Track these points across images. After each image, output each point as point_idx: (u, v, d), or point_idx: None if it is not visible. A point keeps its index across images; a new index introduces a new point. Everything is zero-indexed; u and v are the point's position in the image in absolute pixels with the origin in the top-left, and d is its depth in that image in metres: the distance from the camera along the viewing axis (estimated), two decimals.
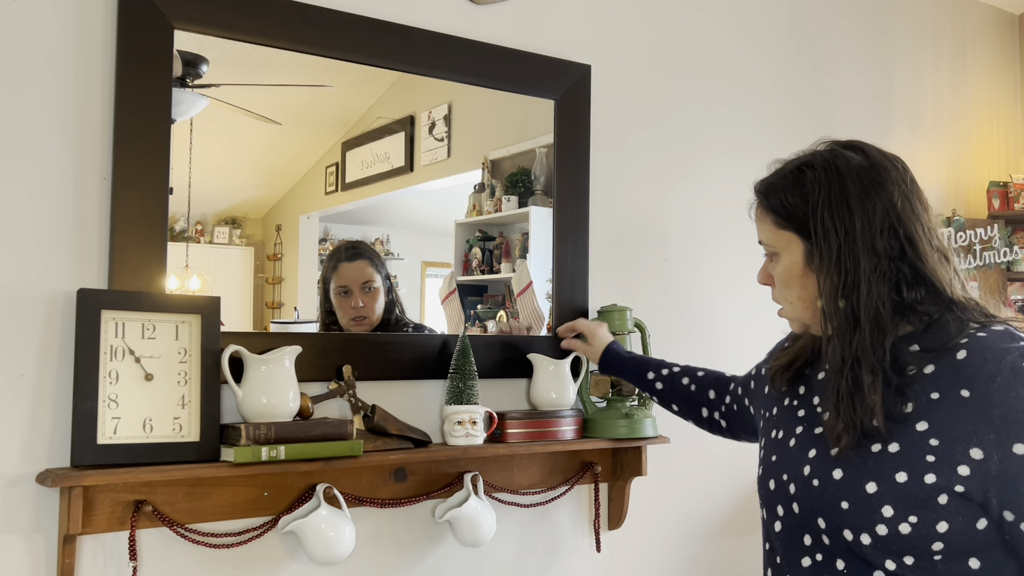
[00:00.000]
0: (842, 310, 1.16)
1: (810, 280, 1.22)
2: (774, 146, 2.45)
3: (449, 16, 1.89)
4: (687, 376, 1.73)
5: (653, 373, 1.76)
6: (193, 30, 1.57)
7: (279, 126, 1.73)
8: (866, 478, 1.13)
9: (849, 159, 1.21)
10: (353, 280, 1.79)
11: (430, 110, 1.90)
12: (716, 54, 2.35)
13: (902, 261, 1.16)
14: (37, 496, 1.44)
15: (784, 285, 1.27)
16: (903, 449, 1.11)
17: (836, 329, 1.17)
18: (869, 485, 1.12)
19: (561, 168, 2.01)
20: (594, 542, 2.05)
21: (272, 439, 1.51)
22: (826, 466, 1.18)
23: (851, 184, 1.18)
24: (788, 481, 1.24)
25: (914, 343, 1.16)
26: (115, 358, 1.46)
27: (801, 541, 1.21)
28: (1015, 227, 3.02)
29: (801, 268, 1.23)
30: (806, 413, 1.28)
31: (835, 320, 1.18)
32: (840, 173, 1.20)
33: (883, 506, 1.10)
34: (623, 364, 1.83)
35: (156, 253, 1.53)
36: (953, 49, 2.98)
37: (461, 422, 1.75)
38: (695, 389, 1.70)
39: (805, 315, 1.26)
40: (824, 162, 1.22)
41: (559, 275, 2.00)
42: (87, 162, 1.50)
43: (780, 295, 1.29)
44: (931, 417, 1.11)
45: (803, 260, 1.22)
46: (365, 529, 1.75)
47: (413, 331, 1.86)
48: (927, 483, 1.08)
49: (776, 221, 1.26)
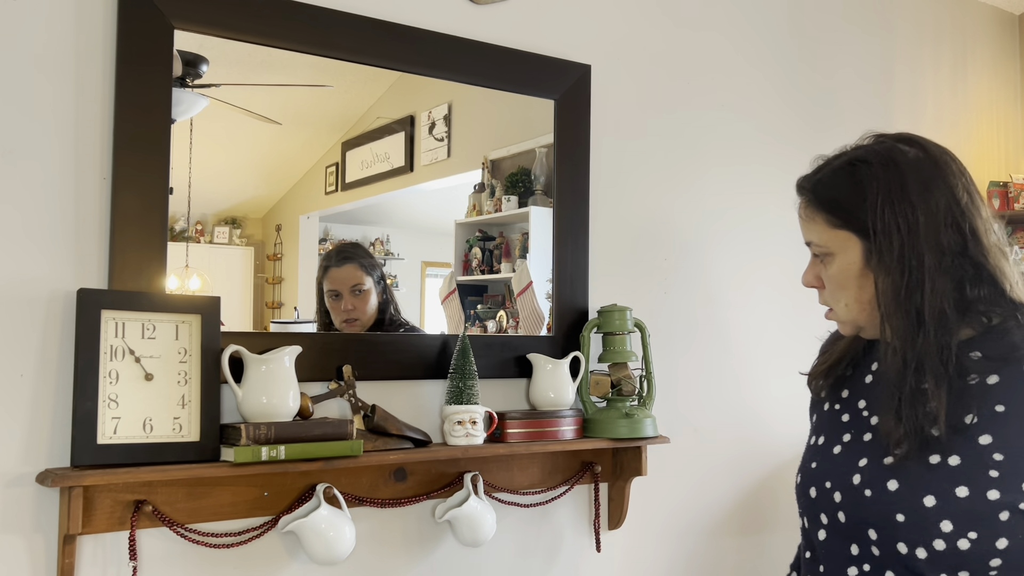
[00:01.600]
0: (904, 311, 1.11)
1: (868, 281, 1.16)
2: (774, 146, 2.45)
3: (449, 16, 1.89)
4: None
5: None
6: (193, 30, 1.57)
7: (279, 126, 1.73)
8: (924, 491, 1.08)
9: (905, 152, 1.16)
10: (342, 284, 1.80)
11: (430, 110, 1.90)
12: (716, 54, 2.35)
13: (964, 257, 1.11)
14: (37, 496, 1.44)
15: (839, 287, 1.20)
16: (964, 463, 1.07)
17: (897, 331, 1.12)
18: (927, 499, 1.07)
19: (561, 168, 2.01)
20: (594, 542, 2.05)
21: (272, 439, 1.51)
22: (879, 476, 1.13)
23: (911, 178, 1.13)
24: (832, 489, 1.19)
25: (975, 349, 1.11)
26: (115, 358, 1.46)
27: (848, 551, 1.16)
28: (1015, 227, 3.02)
29: (859, 268, 1.16)
30: (851, 418, 1.23)
31: (896, 321, 1.12)
32: (898, 167, 1.14)
33: (941, 521, 1.06)
34: None
35: (156, 253, 1.53)
36: (953, 49, 2.98)
37: (461, 422, 1.75)
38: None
39: (860, 317, 1.20)
40: (879, 157, 1.16)
41: (559, 275, 2.00)
42: (87, 162, 1.50)
43: (832, 297, 1.22)
44: (995, 431, 1.06)
45: (861, 260, 1.16)
46: (365, 529, 1.75)
47: (407, 332, 1.86)
48: (990, 499, 1.04)
49: (829, 220, 1.19)
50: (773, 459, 2.39)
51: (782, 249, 2.39)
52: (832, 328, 1.35)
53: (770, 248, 2.39)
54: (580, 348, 1.99)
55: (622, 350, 1.97)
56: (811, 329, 2.45)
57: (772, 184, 2.40)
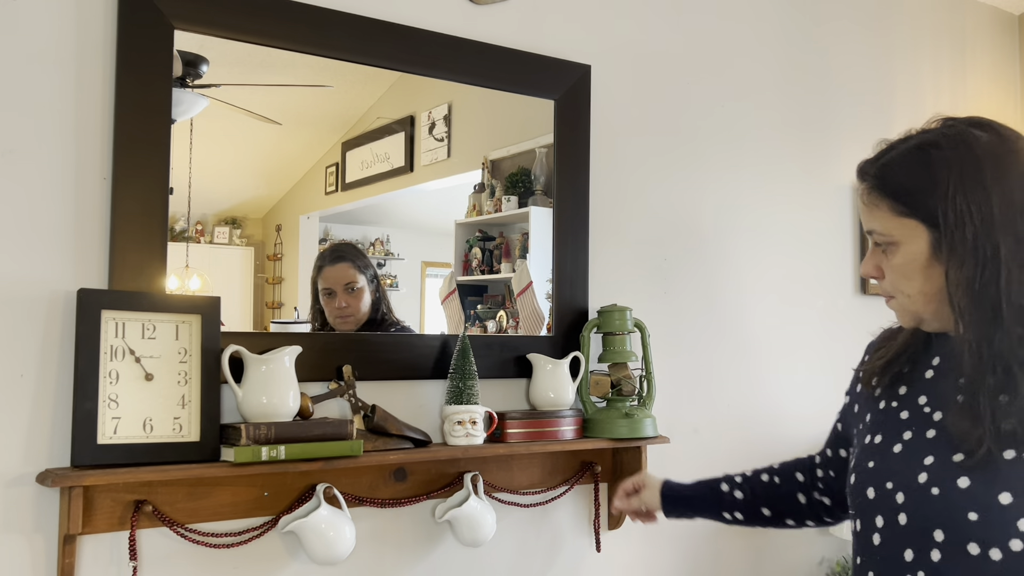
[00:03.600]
0: (979, 303, 1.06)
1: (935, 271, 1.11)
2: (774, 146, 2.45)
3: (449, 16, 1.89)
4: (763, 473, 1.54)
5: (726, 485, 1.55)
6: (193, 30, 1.57)
7: (279, 126, 1.73)
8: (999, 487, 1.04)
9: (978, 136, 1.10)
10: (336, 282, 1.80)
11: (430, 110, 1.90)
12: (716, 54, 2.35)
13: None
14: (37, 496, 1.44)
15: (903, 277, 1.14)
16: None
17: (972, 326, 1.07)
18: (1003, 496, 1.03)
19: (561, 168, 2.01)
20: (594, 542, 2.05)
21: (272, 439, 1.51)
22: (949, 473, 1.08)
23: (986, 163, 1.08)
24: (894, 490, 1.14)
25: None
26: (115, 358, 1.46)
27: (902, 557, 1.11)
28: None
29: (926, 259, 1.11)
30: (912, 416, 1.18)
31: (970, 316, 1.07)
32: (972, 151, 1.08)
33: (1020, 519, 1.02)
34: (688, 499, 1.59)
35: (156, 253, 1.53)
36: (953, 49, 2.98)
37: (461, 422, 1.75)
38: (779, 481, 1.51)
39: (925, 309, 1.15)
40: (951, 141, 1.10)
41: (559, 275, 2.00)
42: (87, 162, 1.50)
43: (896, 287, 1.16)
44: None
45: (929, 250, 1.10)
46: (365, 529, 1.75)
47: (399, 331, 1.86)
48: None
49: (895, 208, 1.13)
50: (774, 459, 2.38)
51: (783, 248, 2.39)
52: (888, 324, 1.31)
53: (771, 247, 2.39)
54: (580, 348, 1.99)
55: (622, 350, 1.97)
56: (812, 328, 2.46)
57: (772, 184, 2.40)
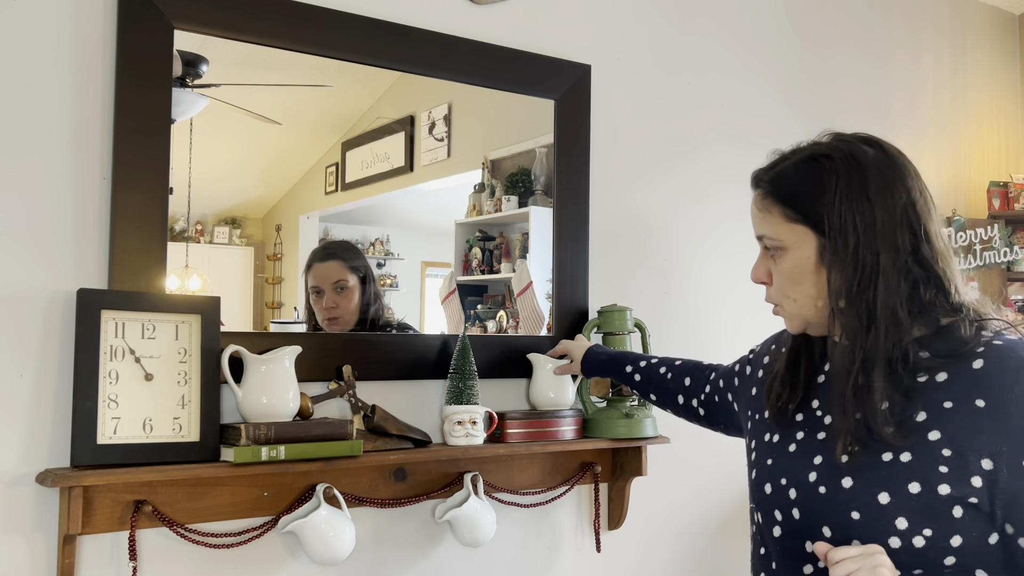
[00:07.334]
0: (855, 308, 1.12)
1: (821, 276, 1.16)
2: (774, 146, 2.44)
3: (449, 16, 1.89)
4: (664, 366, 1.72)
5: (631, 366, 1.75)
6: (193, 30, 1.57)
7: (279, 126, 1.73)
8: (878, 488, 1.09)
9: (865, 151, 1.16)
10: (324, 280, 1.78)
11: (430, 110, 1.90)
12: (716, 54, 2.35)
13: (916, 258, 1.12)
14: (37, 496, 1.44)
15: (791, 282, 1.19)
16: (915, 459, 1.08)
17: (847, 328, 1.12)
18: (882, 495, 1.08)
19: (561, 168, 2.01)
20: (594, 542, 2.05)
21: (272, 439, 1.51)
22: (834, 473, 1.14)
23: (871, 177, 1.13)
24: (787, 486, 1.20)
25: (924, 349, 1.12)
26: (115, 358, 1.46)
27: (802, 548, 1.17)
28: (1015, 227, 3.02)
29: (814, 264, 1.16)
30: (805, 417, 1.23)
31: (846, 319, 1.12)
32: (860, 164, 1.14)
33: (897, 518, 1.07)
34: (602, 364, 1.82)
35: (156, 253, 1.53)
36: (953, 49, 2.98)
37: (461, 422, 1.75)
38: (671, 377, 1.68)
39: (810, 313, 1.20)
40: (841, 153, 1.16)
41: (559, 275, 2.00)
42: (87, 162, 1.50)
43: (782, 293, 1.22)
44: (944, 426, 1.07)
45: (816, 255, 1.16)
46: (365, 529, 1.75)
47: (397, 331, 1.85)
48: (941, 495, 1.05)
49: (785, 213, 1.18)
50: None
51: None
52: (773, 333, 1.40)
53: None
54: None
55: None
56: None
57: None
